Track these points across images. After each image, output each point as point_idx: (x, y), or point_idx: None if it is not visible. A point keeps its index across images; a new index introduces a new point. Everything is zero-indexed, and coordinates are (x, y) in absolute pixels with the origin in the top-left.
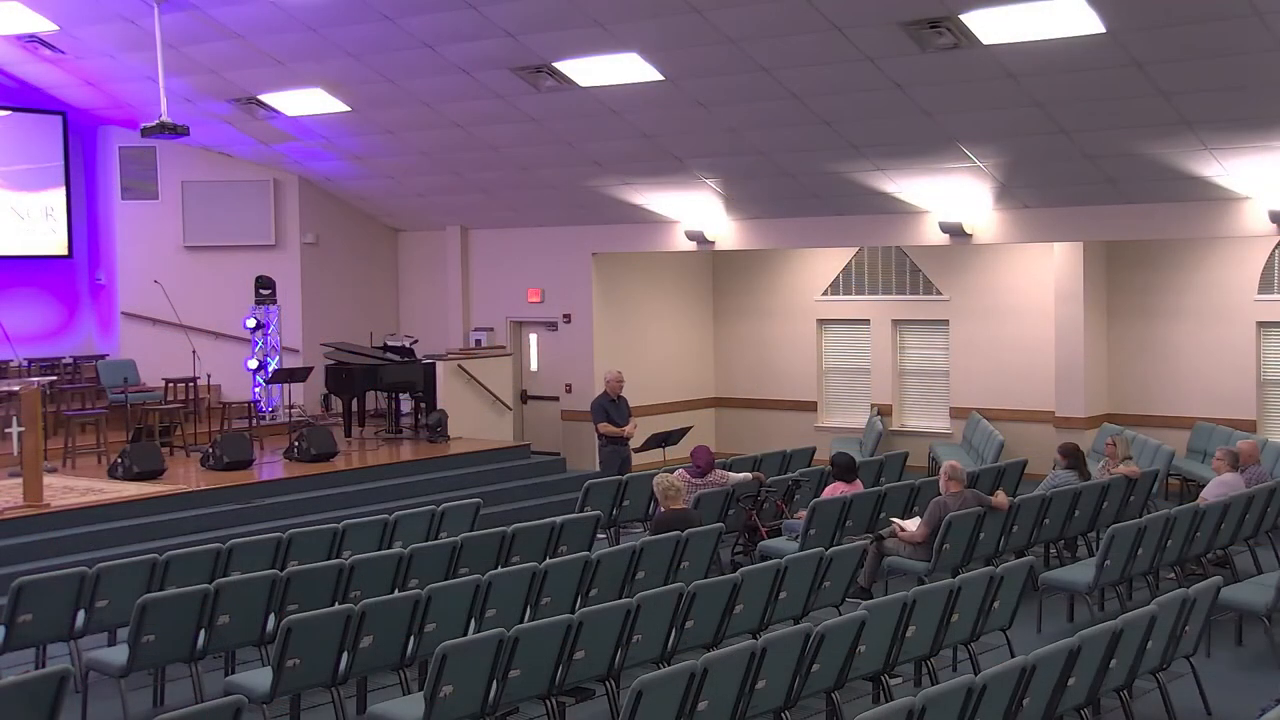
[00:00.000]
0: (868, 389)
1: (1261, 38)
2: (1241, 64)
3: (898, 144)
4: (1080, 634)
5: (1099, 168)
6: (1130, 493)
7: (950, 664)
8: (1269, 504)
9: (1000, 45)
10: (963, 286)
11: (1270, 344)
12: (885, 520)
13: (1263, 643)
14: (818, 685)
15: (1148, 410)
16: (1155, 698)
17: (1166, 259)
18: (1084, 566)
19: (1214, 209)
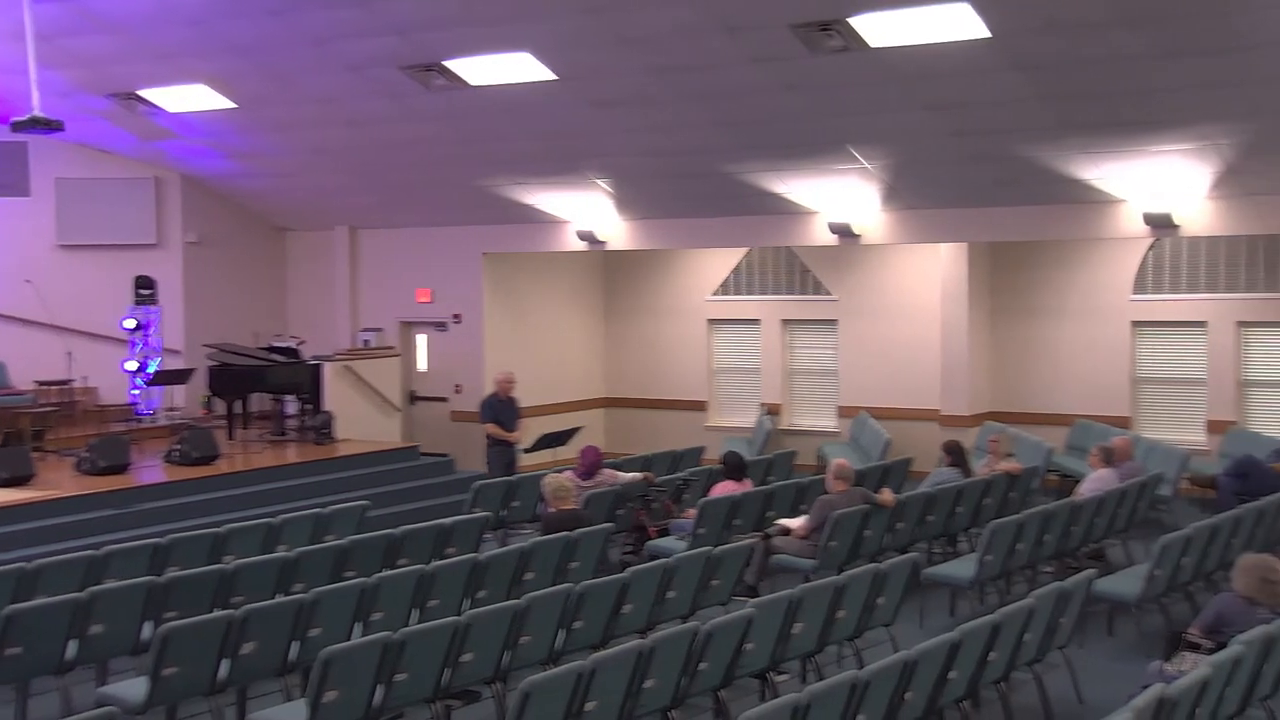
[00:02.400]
0: (757, 388)
1: (1134, 46)
2: (1117, 71)
3: (788, 145)
4: (961, 628)
5: (984, 170)
6: (1011, 489)
7: (835, 660)
8: (1140, 498)
9: (888, 48)
10: (851, 287)
11: (1143, 343)
12: (773, 519)
13: (1132, 632)
14: (705, 684)
15: (1029, 408)
16: (1032, 689)
17: (1047, 260)
18: (965, 562)
19: (1092, 211)
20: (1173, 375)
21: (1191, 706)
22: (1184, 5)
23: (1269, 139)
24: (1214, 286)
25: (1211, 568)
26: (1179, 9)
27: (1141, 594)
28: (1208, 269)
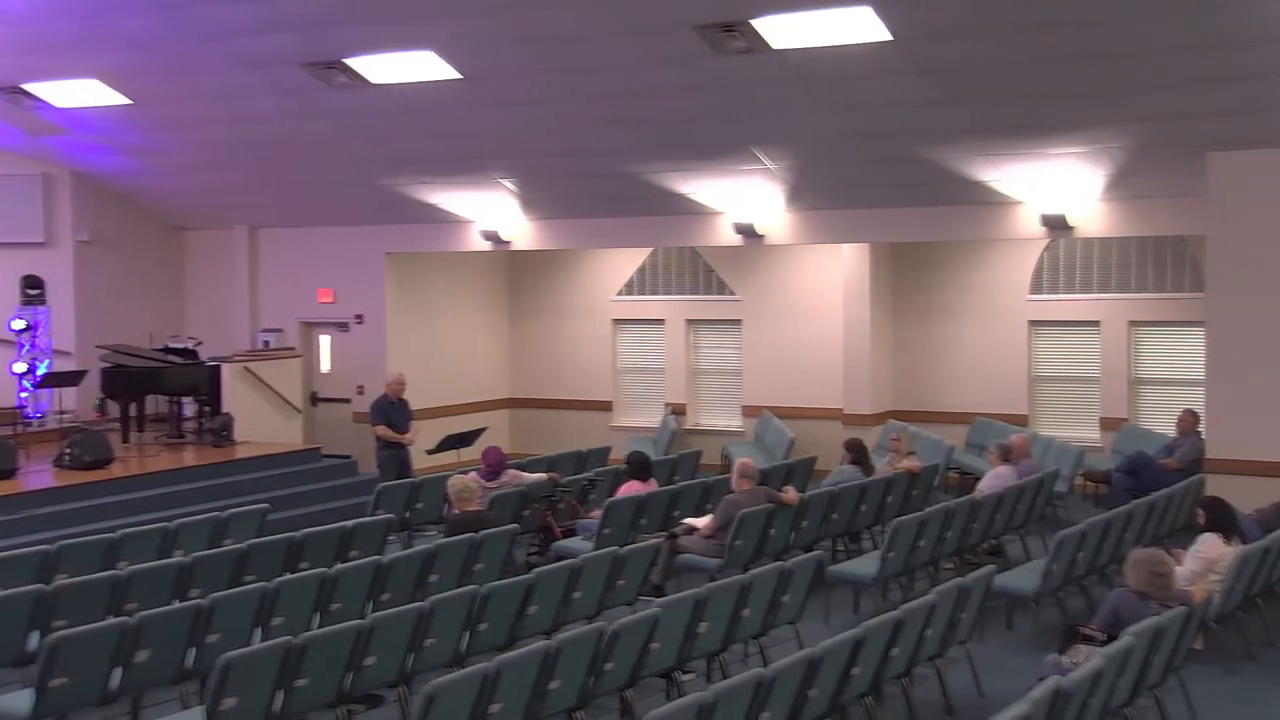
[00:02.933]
0: (662, 388)
1: (1032, 51)
2: (1014, 75)
3: (692, 146)
4: (864, 625)
5: (886, 171)
6: (913, 487)
7: (741, 659)
8: (1038, 495)
9: (791, 50)
10: (755, 287)
11: (1040, 342)
12: (679, 519)
13: (1030, 626)
14: (611, 684)
15: (930, 406)
16: (933, 683)
17: (948, 260)
18: (869, 559)
19: (991, 212)
20: (1068, 374)
21: (1085, 697)
22: (1076, 12)
23: (1155, 144)
24: (1107, 287)
25: (1105, 562)
26: (1072, 16)
27: (1039, 589)
28: (1100, 270)
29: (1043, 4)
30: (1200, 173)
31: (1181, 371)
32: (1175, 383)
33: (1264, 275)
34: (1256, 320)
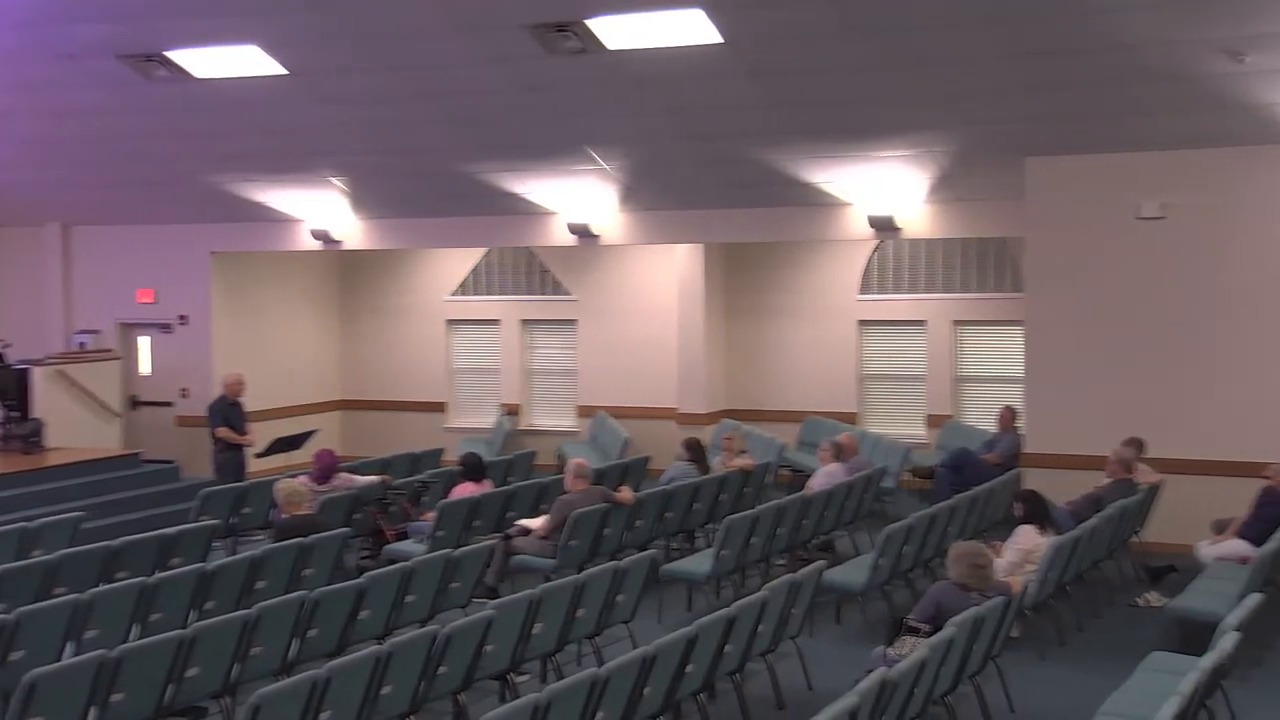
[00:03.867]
0: (497, 389)
1: (859, 55)
2: (843, 79)
3: (526, 146)
4: (698, 623)
5: (719, 173)
6: (746, 485)
7: (575, 659)
8: (867, 491)
9: (625, 51)
10: (590, 287)
11: (869, 341)
12: (513, 519)
13: (859, 620)
14: (444, 687)
15: (762, 405)
16: (765, 678)
17: (780, 261)
18: (702, 557)
19: (821, 214)
20: (895, 372)
21: (910, 687)
22: (901, 20)
23: (977, 148)
24: (932, 287)
25: (930, 555)
26: (897, 23)
27: (867, 583)
28: (926, 270)
29: (869, 11)
30: (1019, 176)
31: (1002, 369)
32: (996, 380)
33: (1078, 276)
34: (1071, 319)
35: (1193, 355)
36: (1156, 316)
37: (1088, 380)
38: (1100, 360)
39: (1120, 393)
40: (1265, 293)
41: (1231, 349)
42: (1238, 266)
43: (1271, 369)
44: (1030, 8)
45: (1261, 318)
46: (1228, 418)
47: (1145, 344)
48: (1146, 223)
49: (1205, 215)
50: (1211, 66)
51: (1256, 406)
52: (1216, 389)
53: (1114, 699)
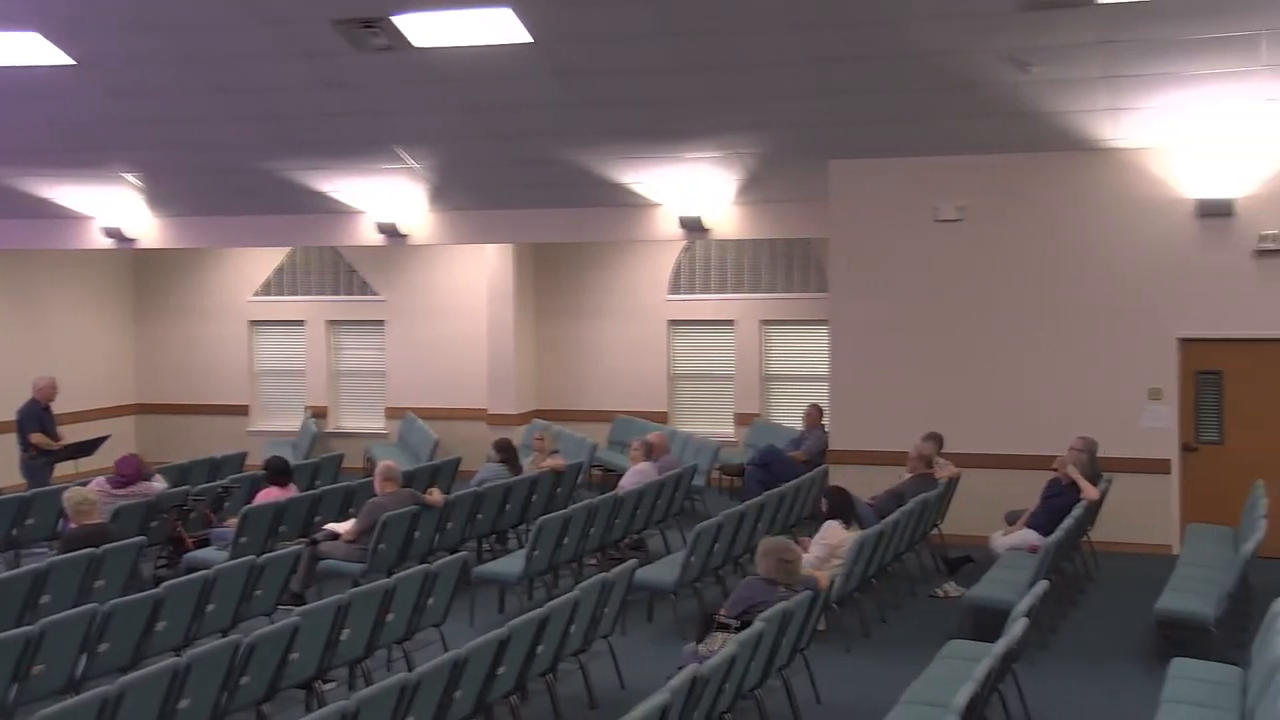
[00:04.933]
0: (302, 391)
1: (668, 57)
2: (651, 81)
3: (332, 144)
4: (510, 624)
5: (528, 173)
6: (557, 485)
7: (385, 664)
8: (677, 489)
9: (433, 49)
10: (399, 287)
11: (679, 341)
12: (320, 524)
13: (670, 617)
14: (247, 698)
15: (574, 405)
16: (577, 678)
17: (590, 261)
18: (514, 558)
19: (631, 214)
20: (705, 371)
21: (721, 682)
22: (707, 23)
23: (782, 150)
24: (740, 287)
25: (740, 552)
26: (703, 26)
27: (678, 580)
28: (734, 271)
29: (677, 13)
30: (824, 179)
31: (808, 368)
32: (803, 379)
33: (880, 277)
34: (873, 319)
35: (987, 353)
36: (953, 315)
37: (889, 378)
38: (900, 358)
39: (920, 389)
40: (1055, 293)
41: (1023, 347)
42: (1029, 268)
43: (1059, 366)
44: (832, 15)
45: (1051, 317)
46: (1019, 413)
47: (943, 342)
48: (944, 225)
49: (999, 218)
50: (1002, 75)
51: (1045, 402)
52: (1009, 385)
53: (914, 687)
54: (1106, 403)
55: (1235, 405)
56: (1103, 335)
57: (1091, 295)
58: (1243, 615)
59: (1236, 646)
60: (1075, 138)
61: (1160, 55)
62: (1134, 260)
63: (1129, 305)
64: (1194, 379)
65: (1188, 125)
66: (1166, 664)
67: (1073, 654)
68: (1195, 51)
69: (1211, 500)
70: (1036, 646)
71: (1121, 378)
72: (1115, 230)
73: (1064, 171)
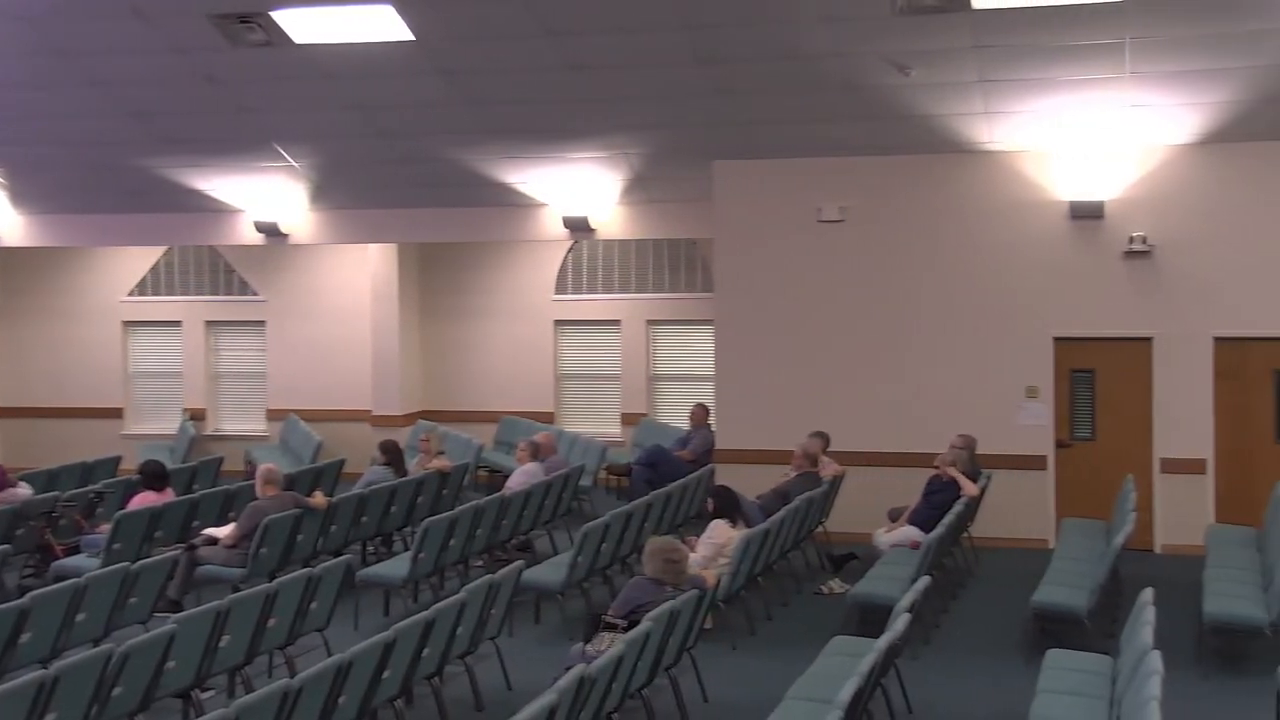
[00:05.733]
0: (179, 393)
1: (552, 56)
2: (535, 81)
3: (210, 140)
4: (395, 627)
5: (412, 172)
6: (443, 486)
7: (266, 671)
8: (564, 490)
9: (314, 46)
10: (280, 287)
11: (565, 341)
12: (199, 528)
13: (557, 618)
14: (119, 709)
15: (460, 406)
16: (464, 680)
17: (476, 261)
18: (400, 561)
19: (516, 214)
20: (591, 371)
21: (608, 682)
22: (592, 23)
23: (667, 151)
24: (626, 287)
25: (627, 552)
26: (588, 26)
27: (565, 581)
28: (621, 271)
29: (560, 12)
30: (708, 179)
31: (694, 368)
32: (689, 378)
33: (764, 277)
34: (758, 319)
35: (870, 352)
36: (837, 315)
37: (774, 377)
38: (785, 357)
39: (804, 388)
40: (935, 293)
41: (905, 346)
42: (910, 268)
43: (940, 365)
44: (717, 17)
45: (931, 317)
46: (901, 411)
47: (827, 341)
48: (827, 225)
49: (881, 219)
50: (882, 79)
51: (926, 400)
52: (892, 384)
53: (800, 683)
54: (985, 401)
55: (1107, 402)
56: (981, 334)
57: (970, 295)
58: (1113, 606)
59: (1108, 636)
60: (953, 140)
61: (1033, 61)
62: (1011, 261)
63: (1006, 305)
64: (1068, 377)
65: (1060, 129)
66: (1043, 655)
67: (954, 647)
68: (1066, 58)
69: (1085, 495)
70: (919, 641)
71: (999, 376)
72: (992, 231)
73: (943, 173)
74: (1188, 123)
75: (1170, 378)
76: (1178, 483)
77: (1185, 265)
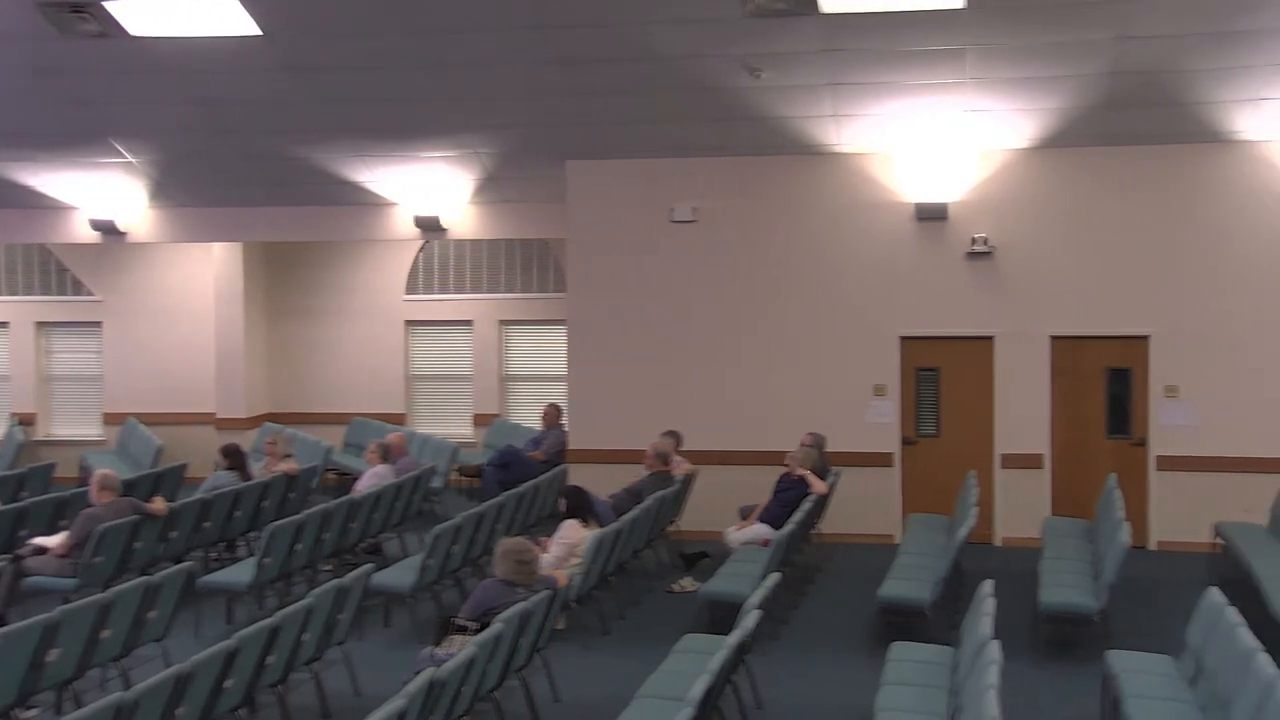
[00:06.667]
0: (7, 397)
1: (401, 54)
2: (385, 78)
3: (38, 134)
4: (238, 635)
5: (258, 169)
6: (291, 490)
7: (99, 684)
8: (415, 491)
9: (152, 38)
10: (117, 287)
11: (417, 341)
12: (26, 538)
13: (407, 621)
14: None
15: (308, 408)
16: (310, 687)
17: (325, 261)
18: (244, 566)
19: (366, 213)
20: (443, 372)
21: (459, 685)
22: (442, 20)
23: (520, 150)
24: (479, 287)
25: (479, 554)
26: (438, 24)
27: (415, 584)
28: (473, 271)
29: (412, 9)
30: (561, 179)
31: (547, 368)
32: (542, 379)
33: (616, 277)
34: (610, 319)
35: (722, 351)
36: (689, 315)
37: (626, 377)
38: (638, 357)
39: (657, 388)
40: (786, 293)
41: (757, 345)
42: (762, 268)
43: (790, 364)
44: (572, 16)
45: (782, 316)
46: (752, 410)
47: (679, 341)
48: (679, 225)
49: (733, 220)
50: (735, 80)
51: (777, 399)
52: (743, 383)
53: (650, 681)
54: (834, 399)
55: (951, 400)
56: (831, 334)
57: (820, 295)
58: (956, 598)
59: (950, 628)
60: (803, 142)
61: (880, 65)
62: (859, 262)
63: (855, 305)
64: (914, 375)
65: (906, 132)
66: (888, 647)
67: (803, 643)
68: (911, 63)
69: (930, 491)
70: (769, 637)
71: (848, 375)
72: (842, 232)
73: (793, 175)
74: (1025, 128)
75: (1010, 376)
76: (1017, 477)
77: (1024, 266)
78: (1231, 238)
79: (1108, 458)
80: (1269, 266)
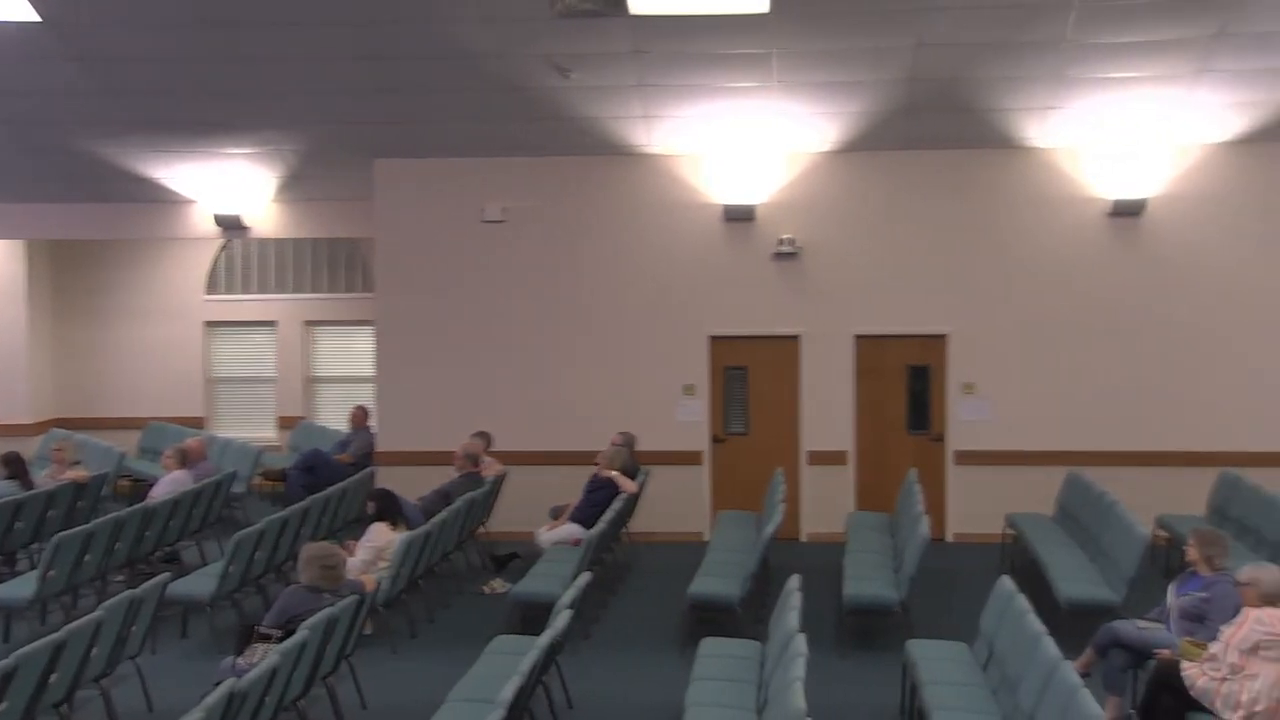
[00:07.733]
0: None
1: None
2: (181, 72)
3: None
4: (16, 654)
5: (41, 164)
6: (80, 498)
7: None
8: (215, 497)
9: None
10: None
11: (218, 343)
12: None
13: (206, 631)
14: None
15: (100, 412)
16: (98, 705)
17: (118, 259)
18: (26, 580)
19: (162, 211)
20: (246, 374)
21: (261, 695)
22: (241, 13)
23: (326, 148)
24: (284, 287)
25: (283, 559)
26: (237, 17)
27: (215, 592)
28: (277, 270)
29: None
30: (369, 177)
31: (354, 369)
32: (349, 380)
33: (426, 277)
34: (420, 319)
35: (532, 351)
36: (498, 315)
37: (436, 377)
38: (447, 358)
39: (466, 389)
40: (596, 293)
41: (567, 345)
42: (572, 268)
43: (601, 363)
44: (378, 13)
45: (592, 316)
46: (563, 410)
47: (489, 341)
48: (490, 226)
49: (543, 220)
50: (545, 80)
51: (588, 399)
52: (553, 383)
53: (461, 684)
54: (644, 399)
55: (759, 398)
56: (641, 333)
57: (630, 295)
58: (764, 593)
59: (759, 623)
60: (613, 143)
61: (689, 68)
62: (669, 262)
63: (664, 305)
64: (723, 374)
65: (715, 134)
66: (698, 644)
67: (613, 641)
68: (719, 66)
69: (739, 488)
70: (580, 636)
71: (658, 374)
72: (652, 233)
73: (603, 175)
74: (829, 131)
75: (816, 374)
76: (822, 474)
77: (829, 267)
78: (1024, 240)
79: (909, 453)
80: (1058, 268)
